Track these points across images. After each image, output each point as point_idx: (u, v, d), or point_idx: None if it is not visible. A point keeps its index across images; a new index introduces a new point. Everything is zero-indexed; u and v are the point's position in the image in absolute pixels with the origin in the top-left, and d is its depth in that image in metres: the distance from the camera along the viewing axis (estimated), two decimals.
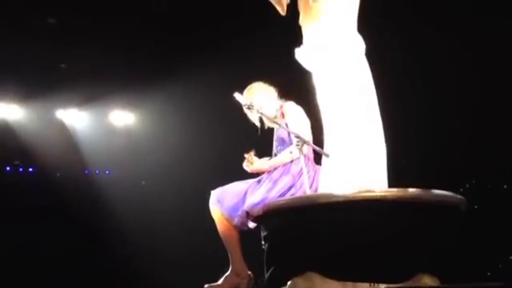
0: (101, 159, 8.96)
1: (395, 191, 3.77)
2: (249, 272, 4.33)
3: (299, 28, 4.28)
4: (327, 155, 3.95)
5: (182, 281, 6.69)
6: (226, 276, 4.29)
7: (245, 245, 4.33)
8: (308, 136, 4.31)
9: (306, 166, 4.08)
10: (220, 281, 4.29)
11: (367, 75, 4.17)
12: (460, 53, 6.56)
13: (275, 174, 4.29)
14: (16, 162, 8.89)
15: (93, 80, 8.01)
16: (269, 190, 4.20)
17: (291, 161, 4.27)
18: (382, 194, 3.73)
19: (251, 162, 4.34)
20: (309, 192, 3.99)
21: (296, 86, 4.51)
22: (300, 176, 4.18)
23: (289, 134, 4.27)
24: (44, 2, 6.92)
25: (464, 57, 6.60)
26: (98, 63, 7.71)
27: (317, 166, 4.30)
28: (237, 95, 4.33)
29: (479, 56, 6.67)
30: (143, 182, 9.33)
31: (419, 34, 6.62)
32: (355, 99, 4.06)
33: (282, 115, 4.43)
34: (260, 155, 4.41)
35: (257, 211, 4.07)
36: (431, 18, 6.46)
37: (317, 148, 4.07)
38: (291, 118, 4.37)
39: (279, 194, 4.16)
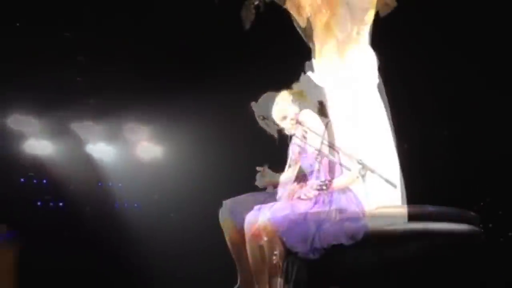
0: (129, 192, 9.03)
1: (413, 208, 3.75)
2: (257, 286, 4.16)
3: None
4: (348, 168, 3.86)
5: None
6: None
7: None
8: (325, 146, 4.12)
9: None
10: None
11: (380, 90, 4.19)
12: (476, 66, 6.45)
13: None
14: (30, 174, 8.85)
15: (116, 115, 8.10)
16: (292, 206, 4.01)
17: (311, 175, 4.12)
18: (400, 210, 3.72)
19: (264, 175, 4.22)
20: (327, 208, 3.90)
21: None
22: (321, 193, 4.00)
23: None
24: (59, 16, 6.95)
25: (481, 71, 6.48)
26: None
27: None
28: (253, 105, 4.26)
29: (500, 70, 6.54)
30: (172, 215, 9.33)
31: (434, 48, 6.55)
32: (367, 115, 4.08)
33: (299, 122, 4.25)
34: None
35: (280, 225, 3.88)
36: (450, 32, 6.39)
37: (336, 160, 3.95)
38: (309, 128, 4.18)
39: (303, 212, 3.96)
